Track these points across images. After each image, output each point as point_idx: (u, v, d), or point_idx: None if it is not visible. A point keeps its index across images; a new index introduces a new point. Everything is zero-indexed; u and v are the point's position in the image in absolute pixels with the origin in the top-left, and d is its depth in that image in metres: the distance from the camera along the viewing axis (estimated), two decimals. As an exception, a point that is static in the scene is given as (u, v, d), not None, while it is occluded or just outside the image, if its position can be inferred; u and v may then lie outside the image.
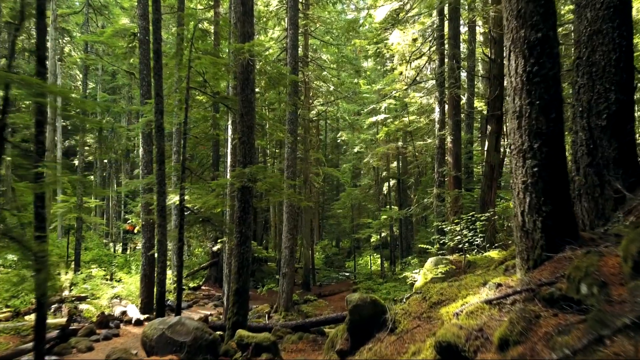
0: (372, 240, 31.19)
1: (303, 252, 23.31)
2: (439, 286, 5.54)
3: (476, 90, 20.52)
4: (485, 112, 21.43)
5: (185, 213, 10.89)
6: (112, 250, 28.77)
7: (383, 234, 27.83)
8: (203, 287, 20.26)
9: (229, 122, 13.08)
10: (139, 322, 12.55)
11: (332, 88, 24.37)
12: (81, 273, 19.30)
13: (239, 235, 8.26)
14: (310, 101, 22.79)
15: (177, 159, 18.07)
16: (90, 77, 36.66)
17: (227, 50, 13.83)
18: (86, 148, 36.43)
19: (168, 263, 20.24)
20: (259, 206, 26.25)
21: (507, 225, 16.71)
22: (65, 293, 16.19)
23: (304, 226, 23.64)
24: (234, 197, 8.64)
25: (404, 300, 6.09)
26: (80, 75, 37.04)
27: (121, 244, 29.37)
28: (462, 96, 15.13)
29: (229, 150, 13.05)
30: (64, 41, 28.57)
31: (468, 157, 17.95)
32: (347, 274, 29.43)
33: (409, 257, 25.64)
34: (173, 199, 10.86)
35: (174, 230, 11.12)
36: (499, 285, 3.98)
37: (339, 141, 38.99)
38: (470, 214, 9.80)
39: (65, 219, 20.96)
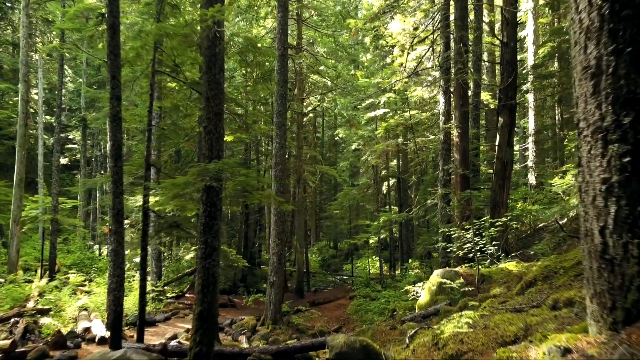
0: (370, 242, 29.68)
1: (297, 256, 21.77)
2: (455, 325, 4.01)
3: (482, 80, 19.00)
4: (491, 105, 19.93)
5: (153, 218, 9.38)
6: (96, 253, 27.26)
7: (382, 236, 26.32)
8: (187, 295, 18.72)
9: (207, 113, 11.55)
10: (103, 341, 11.00)
11: (328, 82, 22.81)
12: (55, 279, 17.76)
13: (203, 246, 6.73)
14: (305, 95, 21.25)
15: (158, 155, 16.55)
16: (79, 70, 35.13)
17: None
18: (74, 146, 34.96)
19: (148, 270, 18.75)
20: (250, 207, 24.74)
21: (521, 229, 15.17)
22: (30, 304, 14.67)
23: (298, 228, 22.11)
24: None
25: (407, 340, 4.56)
26: (70, 71, 35.57)
27: (106, 247, 27.85)
28: (469, 83, 13.58)
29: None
30: (40, 30, 27.02)
31: (474, 153, 16.40)
32: (345, 277, 27.90)
33: (410, 261, 24.11)
34: (139, 201, 9.36)
35: (137, 237, 9.65)
36: (567, 351, 2.42)
37: (336, 139, 37.48)
38: (484, 218, 8.27)
39: (39, 221, 19.43)
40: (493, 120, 22.72)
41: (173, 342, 9.62)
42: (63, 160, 33.56)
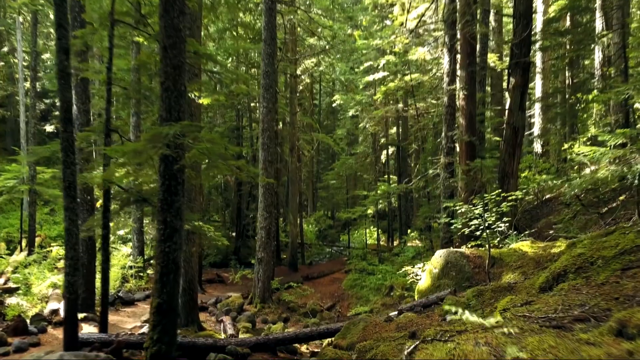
0: (368, 212, 28.67)
1: (290, 228, 20.78)
2: (471, 349, 2.90)
3: (490, 39, 17.56)
4: (498, 67, 18.51)
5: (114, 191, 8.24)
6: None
7: (380, 206, 25.29)
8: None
9: (182, 72, 10.23)
10: (72, 324, 10.06)
11: (323, 43, 21.22)
12: (34, 253, 16.79)
13: (162, 226, 5.60)
14: (298, 56, 19.74)
15: (136, 122, 15.28)
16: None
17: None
18: (56, 114, 33.46)
19: (128, 244, 17.76)
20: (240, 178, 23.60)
21: (526, 201, 14.07)
22: (1, 281, 13.73)
23: (292, 199, 21.05)
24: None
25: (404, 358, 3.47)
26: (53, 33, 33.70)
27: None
28: (477, 37, 12.18)
29: (181, 109, 10.26)
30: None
31: (479, 119, 15.14)
32: (342, 248, 27.06)
33: (409, 231, 23.18)
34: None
35: (98, 214, 8.53)
36: None
37: (334, 105, 35.97)
38: (496, 192, 7.12)
39: (15, 192, 18.30)
40: (499, 84, 21.36)
41: (145, 329, 8.66)
42: (49, 128, 32.24)
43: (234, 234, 25.51)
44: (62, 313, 10.41)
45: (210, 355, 6.72)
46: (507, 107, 11.26)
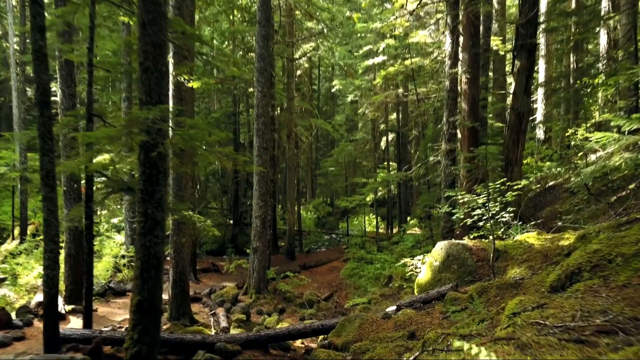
0: (367, 199, 28.23)
1: (288, 216, 20.41)
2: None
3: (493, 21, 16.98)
4: (501, 51, 17.95)
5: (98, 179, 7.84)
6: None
7: (380, 193, 24.87)
8: (168, 259, 17.44)
9: (171, 53, 9.74)
10: (60, 317, 9.73)
11: (321, 26, 20.58)
12: (25, 242, 16.43)
13: (142, 219, 5.20)
14: (295, 39, 19.15)
15: (128, 107, 14.80)
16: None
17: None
18: (55, 98, 32.86)
19: (123, 233, 17.36)
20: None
21: (529, 188, 13.66)
22: (-12, 272, 13.37)
23: (289, 187, 20.64)
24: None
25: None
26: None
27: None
28: (480, 19, 11.63)
29: (170, 94, 9.79)
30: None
31: (481, 104, 14.64)
32: (341, 235, 26.73)
33: (408, 219, 22.83)
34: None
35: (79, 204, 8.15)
36: None
37: (333, 91, 35.36)
38: (501, 180, 6.70)
39: (6, 179, 17.88)
40: (501, 69, 20.80)
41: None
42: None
43: (231, 221, 25.15)
44: (49, 305, 10.08)
45: (198, 354, 6.37)
46: (511, 91, 10.80)
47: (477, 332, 3.76)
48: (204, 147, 5.18)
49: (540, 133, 19.23)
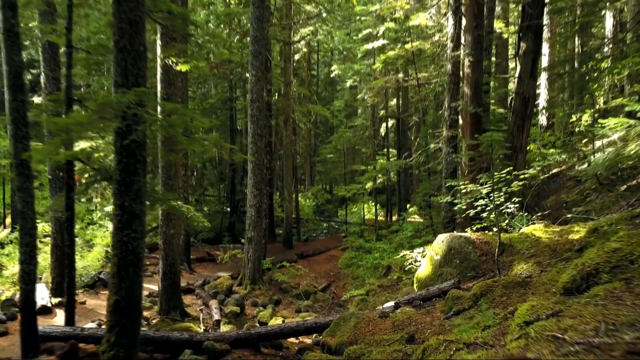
0: (366, 186, 27.85)
1: (285, 204, 20.04)
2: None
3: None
4: (504, 34, 17.40)
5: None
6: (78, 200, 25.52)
7: (379, 180, 24.46)
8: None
9: (158, 35, 9.25)
10: (46, 310, 9.45)
11: (319, 9, 19.95)
12: (16, 231, 16.01)
13: (119, 212, 4.80)
14: (292, 22, 18.55)
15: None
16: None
17: None
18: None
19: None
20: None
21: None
22: (-24, 262, 13.01)
23: (286, 174, 20.23)
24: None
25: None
26: None
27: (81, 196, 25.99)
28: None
29: (158, 78, 9.32)
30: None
31: (484, 89, 14.14)
32: (339, 223, 26.39)
33: (409, 207, 22.46)
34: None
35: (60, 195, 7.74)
36: None
37: (332, 76, 34.72)
38: (506, 169, 6.29)
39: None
40: (504, 53, 20.24)
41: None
42: (38, 99, 31.14)
43: (228, 208, 24.78)
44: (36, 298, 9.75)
45: (185, 353, 6.02)
46: (515, 75, 10.31)
47: (483, 341, 3.38)
48: (185, 135, 4.74)
49: (543, 119, 18.74)
